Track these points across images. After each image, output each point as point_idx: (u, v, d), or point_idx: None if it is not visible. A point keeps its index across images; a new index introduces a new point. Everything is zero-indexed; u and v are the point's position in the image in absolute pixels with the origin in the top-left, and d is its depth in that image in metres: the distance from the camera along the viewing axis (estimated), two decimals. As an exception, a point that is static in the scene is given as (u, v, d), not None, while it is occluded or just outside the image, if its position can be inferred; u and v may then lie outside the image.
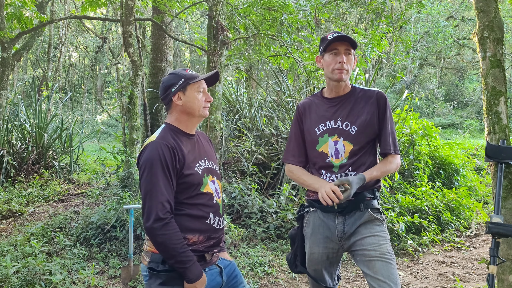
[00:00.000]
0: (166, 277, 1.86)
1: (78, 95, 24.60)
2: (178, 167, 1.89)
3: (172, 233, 1.80)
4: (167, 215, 1.82)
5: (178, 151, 1.90)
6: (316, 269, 2.25)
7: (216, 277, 1.98)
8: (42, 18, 7.63)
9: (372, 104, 2.20)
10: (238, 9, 6.49)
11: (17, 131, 7.83)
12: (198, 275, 1.84)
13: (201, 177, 1.96)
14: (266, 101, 7.66)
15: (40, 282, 3.51)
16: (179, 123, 2.01)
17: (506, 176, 2.62)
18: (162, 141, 1.89)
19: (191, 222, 1.91)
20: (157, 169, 1.84)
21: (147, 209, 1.82)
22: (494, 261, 2.35)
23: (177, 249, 1.80)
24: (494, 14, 2.78)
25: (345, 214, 2.16)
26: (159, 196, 1.82)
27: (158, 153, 1.85)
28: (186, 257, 1.81)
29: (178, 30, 17.57)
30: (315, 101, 2.32)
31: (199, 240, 1.93)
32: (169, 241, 1.79)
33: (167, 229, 1.80)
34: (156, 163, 1.84)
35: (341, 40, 2.15)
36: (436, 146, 7.13)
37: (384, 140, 2.20)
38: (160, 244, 1.80)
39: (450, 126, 19.36)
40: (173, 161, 1.87)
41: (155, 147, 1.88)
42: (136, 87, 5.83)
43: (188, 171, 1.91)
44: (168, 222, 1.81)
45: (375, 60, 11.31)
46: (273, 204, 5.14)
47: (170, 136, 1.94)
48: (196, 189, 1.93)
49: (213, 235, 1.97)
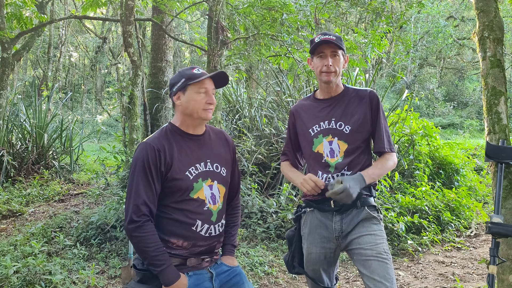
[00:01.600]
0: (143, 276, 1.89)
1: (78, 95, 24.60)
2: (163, 170, 1.86)
3: (145, 236, 1.80)
4: (141, 218, 1.81)
5: (164, 153, 1.87)
6: (314, 269, 2.26)
7: (204, 282, 1.93)
8: (42, 18, 7.63)
9: (364, 104, 2.22)
10: (238, 9, 6.49)
11: (17, 131, 7.83)
12: (172, 279, 1.82)
13: (192, 182, 1.91)
14: (266, 101, 7.66)
15: (40, 282, 3.51)
16: (181, 123, 1.98)
17: (506, 176, 2.62)
18: (150, 143, 1.89)
19: (175, 227, 1.90)
20: (138, 171, 1.85)
21: (125, 210, 1.85)
22: (494, 261, 2.35)
23: (149, 252, 1.80)
24: (494, 14, 2.78)
25: (342, 213, 2.18)
26: (136, 199, 1.82)
27: (142, 155, 1.86)
28: (159, 260, 1.81)
29: (178, 30, 17.57)
30: (308, 104, 2.36)
31: (183, 245, 1.90)
32: (141, 244, 1.80)
33: (140, 231, 1.80)
34: (139, 164, 1.85)
35: (326, 43, 2.18)
36: (436, 146, 7.13)
37: (378, 139, 2.22)
38: (134, 245, 1.83)
39: (450, 126, 19.36)
40: (157, 163, 1.85)
41: (141, 148, 1.88)
42: (136, 87, 5.84)
43: (175, 175, 1.88)
44: (141, 225, 1.81)
45: (375, 60, 11.31)
46: (273, 204, 5.14)
47: (164, 137, 1.92)
48: (183, 194, 1.90)
49: (199, 242, 1.92)
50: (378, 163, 2.20)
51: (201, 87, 1.92)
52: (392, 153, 2.23)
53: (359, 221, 2.15)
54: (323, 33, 2.24)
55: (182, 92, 1.93)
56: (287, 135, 2.46)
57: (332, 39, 2.17)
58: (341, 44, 2.20)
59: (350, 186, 1.98)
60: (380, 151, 2.23)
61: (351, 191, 1.98)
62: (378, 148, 2.23)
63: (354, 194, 1.99)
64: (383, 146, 2.21)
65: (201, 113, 1.92)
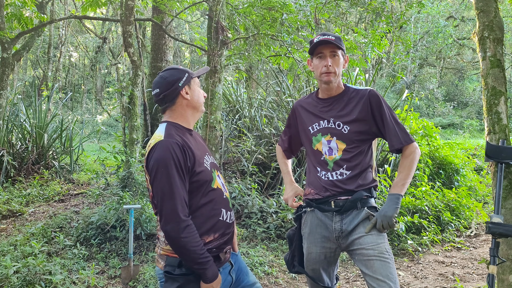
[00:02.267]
0: (183, 281, 1.82)
1: (78, 95, 24.60)
2: (189, 165, 1.84)
3: (193, 235, 1.77)
4: (187, 217, 1.78)
5: (187, 148, 1.85)
6: (314, 269, 2.26)
7: (227, 276, 1.97)
8: (42, 18, 7.63)
9: (364, 103, 2.20)
10: (238, 9, 6.49)
11: (17, 131, 7.83)
12: (215, 275, 1.83)
13: (211, 172, 1.94)
14: (266, 101, 7.66)
15: (40, 282, 3.51)
16: (183, 119, 1.97)
17: (506, 176, 2.62)
18: (172, 140, 1.82)
19: (206, 222, 1.88)
20: (171, 169, 1.77)
21: (166, 212, 1.76)
22: (494, 261, 2.36)
23: (197, 251, 1.77)
24: (494, 14, 2.78)
25: (342, 213, 2.18)
26: (178, 198, 1.76)
27: (170, 153, 1.78)
28: (206, 258, 1.79)
29: (178, 30, 17.57)
30: (310, 101, 2.36)
31: (214, 238, 1.90)
32: (190, 244, 1.75)
33: (188, 231, 1.76)
34: (170, 163, 1.77)
35: (325, 43, 2.17)
36: (436, 146, 7.14)
37: (390, 136, 2.17)
38: (181, 248, 1.76)
39: (450, 126, 19.35)
40: (185, 160, 1.82)
41: (166, 146, 1.80)
42: (136, 87, 5.83)
43: (199, 168, 1.87)
44: (189, 224, 1.78)
45: (375, 60, 11.31)
46: (273, 204, 5.14)
47: (178, 133, 1.90)
48: (208, 185, 1.90)
49: (227, 231, 1.95)
50: (400, 165, 2.16)
51: (198, 81, 2.03)
52: (410, 145, 2.15)
53: (359, 222, 2.15)
54: (322, 33, 2.23)
55: (188, 86, 1.96)
56: (287, 124, 2.51)
57: (330, 39, 2.16)
58: (340, 44, 2.19)
59: (382, 214, 2.06)
60: (396, 148, 2.17)
61: (387, 214, 2.06)
62: (393, 145, 2.17)
63: (390, 214, 2.06)
64: (398, 141, 2.15)
65: (202, 106, 2.03)
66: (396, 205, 2.07)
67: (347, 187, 2.17)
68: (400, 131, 2.16)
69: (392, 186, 2.14)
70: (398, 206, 2.08)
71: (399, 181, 2.13)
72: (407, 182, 2.12)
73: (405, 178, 2.12)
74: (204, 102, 2.03)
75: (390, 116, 2.18)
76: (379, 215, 2.07)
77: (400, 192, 2.09)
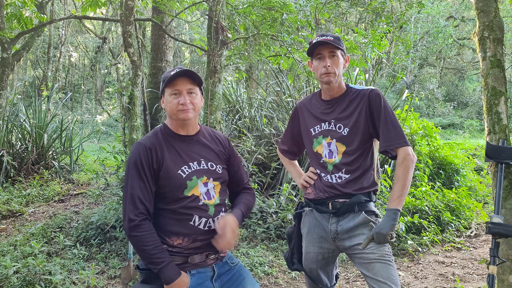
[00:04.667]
0: (145, 275, 1.90)
1: (78, 95, 24.59)
2: (155, 167, 1.89)
3: (143, 235, 1.81)
4: (138, 217, 1.83)
5: (155, 151, 1.90)
6: (311, 268, 2.28)
7: (206, 281, 1.92)
8: (42, 18, 7.63)
9: (364, 104, 2.17)
10: (238, 9, 6.49)
11: (17, 131, 7.82)
12: (173, 277, 1.82)
13: (186, 181, 1.92)
14: (266, 101, 7.65)
15: (40, 282, 3.51)
16: (170, 124, 2.02)
17: (506, 176, 2.62)
18: (141, 142, 1.93)
19: (173, 225, 1.91)
20: (131, 170, 1.88)
21: (123, 211, 1.87)
22: (494, 261, 2.35)
23: (147, 250, 1.81)
24: (494, 14, 2.78)
25: (339, 215, 2.17)
26: (130, 197, 1.85)
27: (135, 155, 1.89)
28: (158, 258, 1.81)
29: (178, 30, 17.57)
30: (313, 102, 2.35)
31: (184, 242, 1.91)
32: (140, 243, 1.81)
33: (138, 231, 1.81)
34: (132, 164, 1.88)
35: (323, 44, 2.16)
36: (436, 146, 7.13)
37: (382, 136, 2.11)
38: (133, 245, 1.85)
39: (450, 126, 19.36)
40: (149, 162, 1.88)
41: (135, 148, 1.92)
42: (136, 87, 5.83)
43: (167, 173, 1.90)
44: (138, 223, 1.82)
45: (375, 60, 11.30)
46: (273, 204, 5.14)
47: (156, 137, 1.96)
48: (177, 192, 1.91)
49: (199, 237, 1.92)
50: (395, 175, 2.08)
51: (173, 89, 1.93)
52: (402, 148, 2.06)
53: (355, 226, 2.13)
54: (320, 34, 2.22)
55: (163, 95, 1.99)
56: (288, 127, 2.47)
57: (329, 40, 2.15)
58: (339, 44, 2.17)
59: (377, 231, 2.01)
60: (387, 150, 2.09)
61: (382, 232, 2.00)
62: (382, 146, 2.11)
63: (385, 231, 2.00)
64: (388, 142, 2.08)
65: (177, 114, 1.93)
66: (393, 222, 2.00)
67: (345, 190, 2.16)
68: (394, 132, 2.08)
69: (389, 200, 2.07)
70: (395, 222, 2.01)
71: (394, 194, 2.05)
72: (403, 193, 2.04)
73: (401, 190, 2.04)
74: (183, 110, 1.92)
75: (387, 116, 2.11)
76: (374, 231, 2.03)
77: (397, 207, 2.02)
